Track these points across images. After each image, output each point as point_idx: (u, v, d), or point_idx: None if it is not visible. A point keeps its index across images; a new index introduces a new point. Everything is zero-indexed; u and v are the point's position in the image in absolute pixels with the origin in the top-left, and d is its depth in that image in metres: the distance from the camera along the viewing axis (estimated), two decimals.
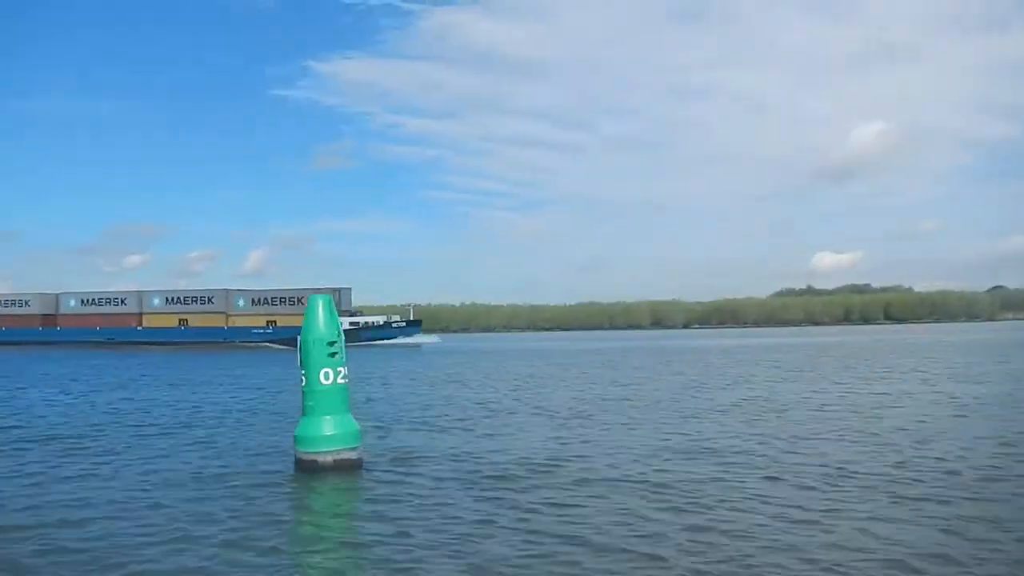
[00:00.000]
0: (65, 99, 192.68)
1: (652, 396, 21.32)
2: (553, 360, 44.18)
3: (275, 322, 74.68)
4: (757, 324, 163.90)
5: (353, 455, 11.05)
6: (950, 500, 9.02)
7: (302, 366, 11.02)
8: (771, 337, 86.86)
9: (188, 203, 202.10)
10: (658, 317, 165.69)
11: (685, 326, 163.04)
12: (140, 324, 78.98)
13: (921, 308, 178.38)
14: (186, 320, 77.39)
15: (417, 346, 71.19)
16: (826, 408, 17.90)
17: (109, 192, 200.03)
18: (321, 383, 10.88)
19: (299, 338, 11.09)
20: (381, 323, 77.62)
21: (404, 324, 78.79)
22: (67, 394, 24.50)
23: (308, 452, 10.88)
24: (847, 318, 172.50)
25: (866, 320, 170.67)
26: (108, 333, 77.52)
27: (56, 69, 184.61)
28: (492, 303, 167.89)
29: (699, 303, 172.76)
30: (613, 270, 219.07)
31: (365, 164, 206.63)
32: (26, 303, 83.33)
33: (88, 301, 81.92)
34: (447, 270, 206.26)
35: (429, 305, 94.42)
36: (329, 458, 10.81)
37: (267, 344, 71.95)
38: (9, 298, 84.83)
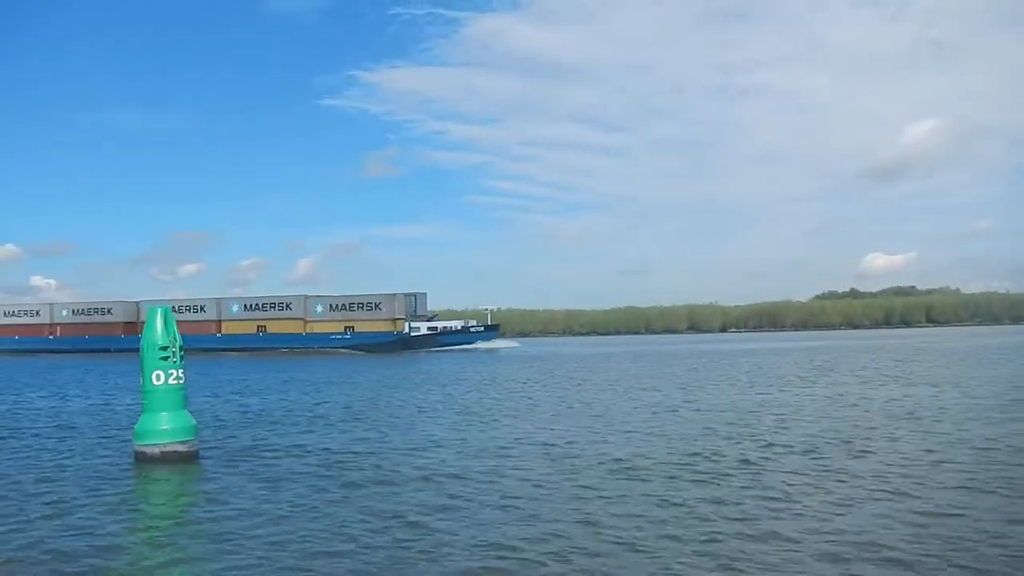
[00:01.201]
0: (115, 111, 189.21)
1: (580, 399, 21.61)
2: (556, 365, 44.48)
3: (352, 327, 70.67)
4: (795, 328, 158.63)
5: (183, 448, 11.79)
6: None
7: (141, 370, 11.83)
8: (792, 341, 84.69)
9: (239, 212, 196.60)
10: (695, 321, 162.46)
11: (722, 330, 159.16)
12: (219, 331, 74.95)
13: (964, 311, 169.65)
14: (264, 327, 73.56)
15: (494, 351, 66.94)
16: (702, 410, 17.99)
17: (161, 202, 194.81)
18: (153, 383, 11.69)
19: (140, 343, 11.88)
20: (459, 328, 73.47)
21: (482, 329, 73.94)
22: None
23: (140, 445, 11.72)
24: (888, 321, 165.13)
25: (907, 323, 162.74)
26: (188, 340, 74.43)
27: (107, 81, 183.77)
28: (528, 308, 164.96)
29: (737, 307, 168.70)
30: (654, 274, 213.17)
31: (411, 171, 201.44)
32: (108, 311, 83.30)
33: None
34: (487, 274, 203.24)
35: (469, 310, 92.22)
36: (156, 450, 11.60)
37: (345, 350, 68.45)
38: (92, 306, 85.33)
